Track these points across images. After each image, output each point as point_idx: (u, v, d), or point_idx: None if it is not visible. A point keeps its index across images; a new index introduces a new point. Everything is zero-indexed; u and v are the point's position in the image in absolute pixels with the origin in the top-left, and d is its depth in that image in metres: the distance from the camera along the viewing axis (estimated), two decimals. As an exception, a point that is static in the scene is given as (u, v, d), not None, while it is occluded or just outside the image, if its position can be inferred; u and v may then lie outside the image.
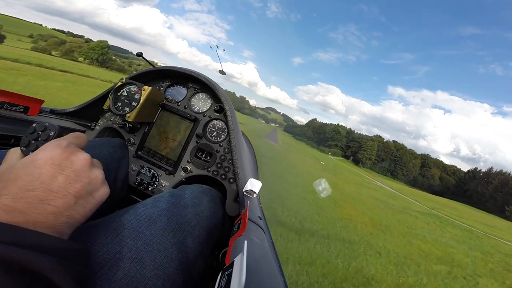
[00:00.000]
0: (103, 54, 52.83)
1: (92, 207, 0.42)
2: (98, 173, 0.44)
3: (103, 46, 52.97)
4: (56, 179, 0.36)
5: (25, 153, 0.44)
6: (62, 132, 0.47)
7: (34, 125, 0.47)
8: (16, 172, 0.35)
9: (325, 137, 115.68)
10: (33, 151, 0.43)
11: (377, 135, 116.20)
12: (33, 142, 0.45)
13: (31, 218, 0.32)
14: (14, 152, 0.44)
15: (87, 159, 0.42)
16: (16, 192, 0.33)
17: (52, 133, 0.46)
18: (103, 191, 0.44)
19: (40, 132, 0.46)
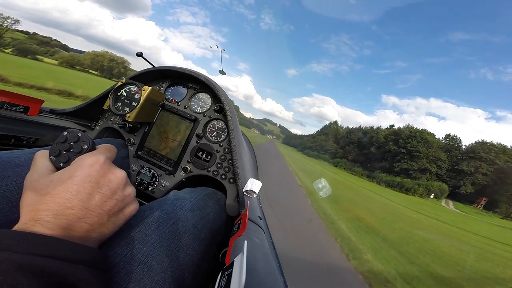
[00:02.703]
0: None
1: (121, 223, 0.43)
2: (130, 191, 0.45)
3: None
4: (93, 197, 0.37)
5: (54, 163, 0.42)
6: (94, 145, 0.45)
7: (65, 133, 0.44)
8: (53, 186, 0.36)
9: (379, 152, 60.85)
10: (64, 162, 0.42)
11: (493, 143, 51.72)
12: (64, 153, 0.43)
13: (69, 235, 0.34)
14: (43, 157, 0.42)
15: (123, 177, 0.43)
16: (56, 208, 0.34)
17: (86, 146, 0.44)
18: (133, 208, 0.45)
19: (72, 143, 0.43)
